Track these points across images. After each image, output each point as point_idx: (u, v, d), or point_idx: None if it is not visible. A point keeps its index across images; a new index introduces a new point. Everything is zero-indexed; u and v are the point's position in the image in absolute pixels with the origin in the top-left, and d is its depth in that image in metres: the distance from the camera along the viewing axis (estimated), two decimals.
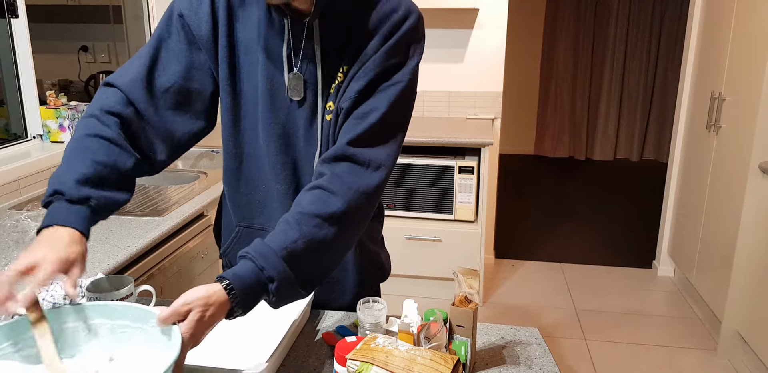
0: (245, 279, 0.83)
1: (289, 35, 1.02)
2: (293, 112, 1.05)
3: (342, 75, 1.02)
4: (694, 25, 3.13)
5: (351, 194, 0.94)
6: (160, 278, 1.67)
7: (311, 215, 0.91)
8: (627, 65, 6.10)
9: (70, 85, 3.10)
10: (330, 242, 0.91)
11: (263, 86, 1.04)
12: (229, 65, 1.05)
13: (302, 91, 1.04)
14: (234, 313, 0.83)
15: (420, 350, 0.86)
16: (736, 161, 2.51)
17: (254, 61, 1.05)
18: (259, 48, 1.04)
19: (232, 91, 1.07)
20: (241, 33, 1.05)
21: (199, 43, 1.04)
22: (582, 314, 2.99)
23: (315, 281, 0.92)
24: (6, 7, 2.05)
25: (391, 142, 1.01)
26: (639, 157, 6.37)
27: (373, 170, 0.97)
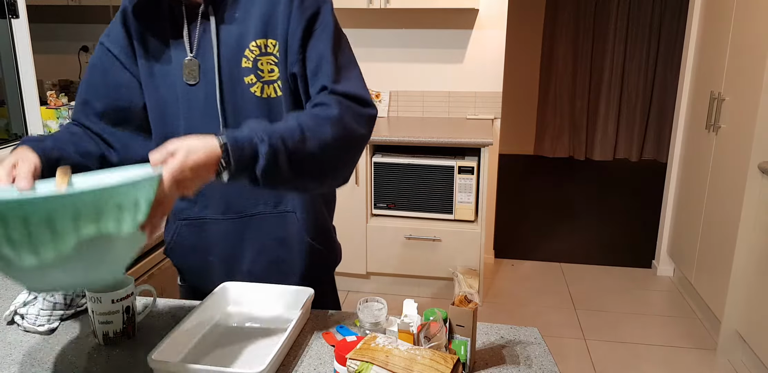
0: (239, 137, 0.89)
1: (185, 23, 1.09)
2: (192, 96, 1.11)
3: (257, 48, 1.08)
4: (694, 25, 3.13)
5: (347, 110, 1.02)
6: (160, 278, 1.67)
7: (310, 114, 0.99)
8: (627, 65, 6.10)
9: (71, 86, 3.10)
10: (323, 137, 0.97)
11: (178, 79, 1.11)
12: (149, 74, 1.13)
13: (197, 75, 1.09)
14: (221, 170, 0.87)
15: (420, 350, 0.86)
16: (736, 161, 2.51)
17: (167, 58, 1.12)
18: (168, 43, 1.11)
19: (156, 93, 1.13)
20: (152, 41, 1.13)
21: (121, 63, 1.14)
22: (582, 313, 3.00)
23: (303, 165, 0.95)
24: (6, 7, 2.05)
25: (356, 77, 1.09)
26: (638, 157, 6.37)
27: (365, 106, 1.06)
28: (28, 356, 1.00)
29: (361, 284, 3.19)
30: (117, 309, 1.02)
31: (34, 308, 1.08)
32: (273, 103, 1.11)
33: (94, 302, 1.01)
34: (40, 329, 1.07)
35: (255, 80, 1.09)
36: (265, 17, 1.07)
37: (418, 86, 3.40)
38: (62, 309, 1.11)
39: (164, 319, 1.13)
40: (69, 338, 1.07)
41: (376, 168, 2.95)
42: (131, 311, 1.05)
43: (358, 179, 2.95)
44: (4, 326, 1.10)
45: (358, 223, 3.00)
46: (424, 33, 3.33)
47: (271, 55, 1.08)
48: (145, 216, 0.78)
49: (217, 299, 1.12)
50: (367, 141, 1.07)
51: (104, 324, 1.02)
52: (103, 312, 1.02)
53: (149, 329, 1.09)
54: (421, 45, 3.35)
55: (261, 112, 1.10)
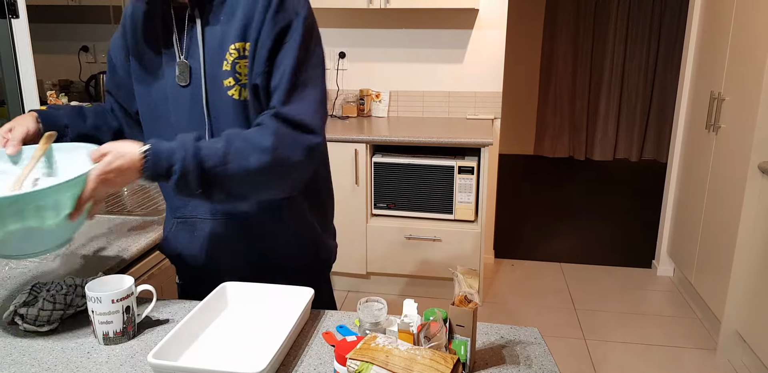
0: (161, 150, 0.97)
1: (174, 26, 1.12)
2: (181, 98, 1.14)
3: (236, 51, 1.09)
4: (694, 25, 3.13)
5: (283, 139, 1.02)
6: (160, 278, 1.67)
7: (244, 138, 1.01)
8: (627, 65, 6.10)
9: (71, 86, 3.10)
10: (245, 165, 1.00)
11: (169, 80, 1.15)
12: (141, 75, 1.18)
13: (188, 77, 1.12)
14: (143, 173, 0.97)
15: (420, 350, 0.86)
16: (736, 161, 2.51)
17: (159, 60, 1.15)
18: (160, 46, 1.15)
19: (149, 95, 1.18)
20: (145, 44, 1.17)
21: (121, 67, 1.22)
22: (582, 313, 3.00)
23: (217, 186, 1.00)
24: (6, 7, 2.05)
25: (310, 100, 1.07)
26: (638, 157, 6.37)
27: (307, 133, 1.05)
28: (28, 356, 1.00)
29: (361, 284, 3.19)
30: (117, 309, 1.02)
31: (34, 308, 1.08)
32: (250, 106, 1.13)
33: (94, 302, 1.01)
34: (40, 329, 1.07)
35: (233, 83, 1.10)
36: (245, 20, 1.08)
37: (418, 86, 3.40)
38: (62, 309, 1.11)
39: (164, 319, 1.14)
40: (69, 338, 1.07)
41: (376, 168, 2.95)
42: (131, 311, 1.05)
43: (358, 179, 2.95)
44: (4, 327, 1.10)
45: (358, 223, 3.00)
46: (424, 33, 3.33)
47: (247, 58, 1.10)
48: (71, 209, 0.94)
49: (217, 299, 1.12)
50: (307, 167, 1.06)
51: (104, 324, 1.02)
52: (103, 312, 1.02)
53: (149, 329, 1.09)
54: (421, 45, 3.35)
55: (238, 114, 1.12)
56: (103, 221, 1.69)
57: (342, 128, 3.05)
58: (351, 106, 3.38)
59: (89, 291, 1.02)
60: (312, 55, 1.09)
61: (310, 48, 1.08)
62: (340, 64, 3.42)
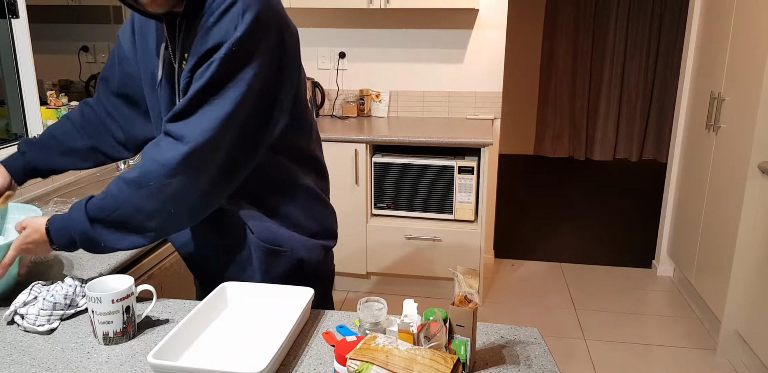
0: (57, 227, 1.09)
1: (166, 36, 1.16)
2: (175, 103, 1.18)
3: (185, 62, 1.13)
4: (694, 25, 3.13)
5: (148, 164, 1.05)
6: (160, 278, 1.67)
7: (119, 178, 1.09)
8: (627, 65, 6.10)
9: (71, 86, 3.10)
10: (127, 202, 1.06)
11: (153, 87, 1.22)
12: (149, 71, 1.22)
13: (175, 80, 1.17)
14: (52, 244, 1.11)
15: (420, 350, 0.86)
16: (736, 161, 2.51)
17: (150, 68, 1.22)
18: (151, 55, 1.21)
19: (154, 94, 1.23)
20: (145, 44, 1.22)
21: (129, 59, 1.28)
22: (582, 314, 3.00)
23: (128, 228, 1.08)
24: (6, 7, 2.05)
25: (207, 117, 1.04)
26: (638, 157, 6.37)
27: (179, 143, 1.04)
28: (28, 356, 1.00)
29: (361, 284, 3.20)
30: (117, 309, 1.02)
31: (34, 308, 1.08)
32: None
33: (94, 302, 1.01)
34: (40, 329, 1.07)
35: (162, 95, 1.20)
36: (194, 34, 1.09)
37: (418, 86, 3.40)
38: (62, 309, 1.11)
39: (164, 319, 1.14)
40: (69, 338, 1.07)
41: (376, 168, 2.95)
42: (131, 311, 1.05)
43: (358, 179, 2.95)
44: (4, 326, 1.10)
45: (358, 223, 3.01)
46: (424, 33, 3.33)
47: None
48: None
49: (217, 299, 1.12)
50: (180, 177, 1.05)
51: (104, 324, 1.02)
52: (103, 312, 1.02)
53: (149, 329, 1.09)
54: (421, 45, 3.35)
55: None
56: None
57: (342, 128, 3.05)
58: (351, 106, 3.38)
59: (89, 291, 1.02)
60: (234, 78, 1.04)
61: (232, 70, 1.04)
62: (340, 64, 3.42)
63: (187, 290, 1.86)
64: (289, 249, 1.25)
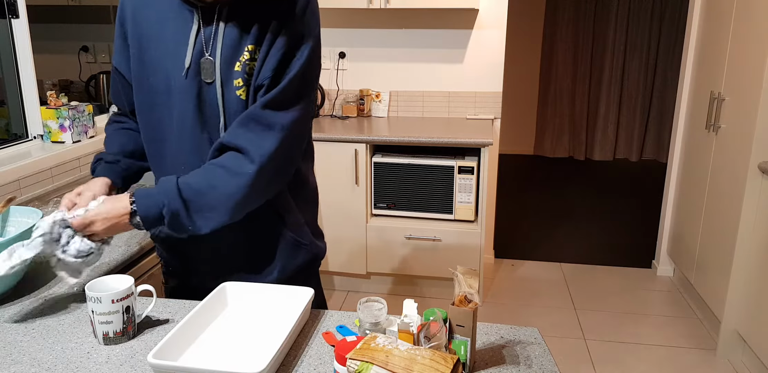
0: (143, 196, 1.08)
1: (200, 22, 1.12)
2: (205, 94, 1.14)
3: (248, 54, 1.12)
4: (694, 25, 3.13)
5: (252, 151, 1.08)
6: (160, 278, 1.67)
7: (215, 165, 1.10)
8: (627, 65, 6.10)
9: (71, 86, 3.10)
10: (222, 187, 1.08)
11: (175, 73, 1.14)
12: (138, 60, 1.17)
13: (213, 73, 1.13)
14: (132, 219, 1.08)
15: (420, 350, 0.86)
16: (736, 161, 2.51)
17: (163, 53, 1.15)
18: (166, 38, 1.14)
19: (145, 84, 1.18)
20: (147, 29, 1.16)
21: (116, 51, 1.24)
22: (582, 313, 3.00)
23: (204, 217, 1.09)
24: (6, 7, 2.05)
25: (298, 107, 1.13)
26: (638, 158, 6.37)
27: (275, 131, 1.10)
28: (28, 356, 1.00)
29: (361, 284, 3.19)
30: (117, 309, 1.02)
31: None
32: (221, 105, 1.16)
33: (94, 302, 1.01)
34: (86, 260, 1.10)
35: (242, 84, 1.13)
36: (263, 24, 1.10)
37: (418, 86, 3.40)
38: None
39: (164, 319, 1.14)
40: (69, 338, 1.07)
41: (376, 168, 2.95)
42: (131, 311, 1.05)
43: (358, 179, 2.95)
44: (4, 327, 1.10)
45: (358, 223, 3.00)
46: (424, 33, 3.33)
47: (256, 60, 1.12)
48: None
49: (217, 299, 1.12)
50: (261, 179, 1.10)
51: (104, 324, 1.02)
52: (103, 312, 1.02)
53: (149, 329, 1.09)
54: (421, 45, 3.35)
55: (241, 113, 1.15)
56: None
57: (342, 128, 3.05)
58: (351, 106, 3.38)
59: (89, 291, 1.02)
60: (312, 69, 1.15)
61: (315, 61, 1.15)
62: (340, 64, 3.42)
63: None
64: (309, 243, 1.30)
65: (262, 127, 1.09)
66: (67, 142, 2.19)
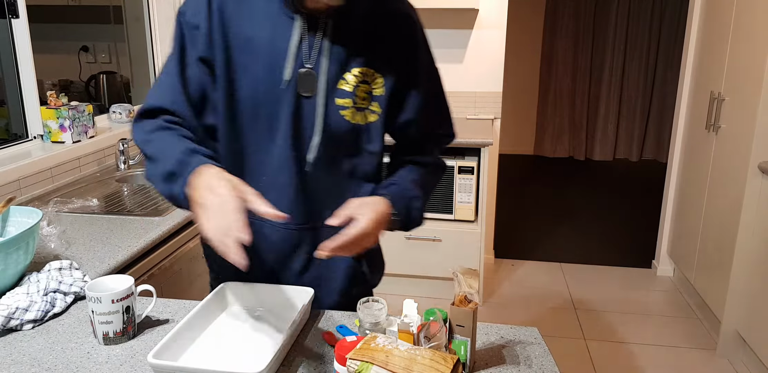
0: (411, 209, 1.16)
1: (303, 31, 1.05)
2: (302, 109, 1.07)
3: (360, 75, 1.07)
4: (694, 25, 3.13)
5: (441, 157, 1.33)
6: (160, 278, 1.67)
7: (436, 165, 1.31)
8: (627, 65, 6.10)
9: (71, 86, 3.10)
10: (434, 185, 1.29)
11: (267, 82, 1.06)
12: (225, 62, 1.06)
13: (314, 87, 1.06)
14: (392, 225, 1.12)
15: (420, 350, 0.86)
16: (736, 161, 2.51)
17: (254, 58, 1.06)
18: (260, 44, 1.05)
19: (229, 87, 1.07)
20: (236, 28, 1.05)
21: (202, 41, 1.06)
22: (582, 314, 3.00)
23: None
24: (6, 7, 2.05)
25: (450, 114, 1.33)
26: (638, 157, 6.37)
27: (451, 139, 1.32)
28: (28, 356, 1.00)
29: None
30: (117, 309, 1.02)
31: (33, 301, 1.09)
32: (359, 130, 1.12)
33: (94, 302, 1.01)
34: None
35: (350, 105, 1.08)
36: (379, 48, 1.08)
37: None
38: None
39: (164, 319, 1.14)
40: (69, 338, 1.07)
41: None
42: (131, 311, 1.05)
43: None
44: (5, 327, 1.10)
45: None
46: None
47: (368, 84, 1.09)
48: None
49: (217, 299, 1.12)
50: None
51: (104, 324, 1.02)
52: (103, 312, 1.02)
53: (149, 329, 1.09)
54: None
55: (349, 136, 1.12)
56: (103, 221, 1.69)
57: None
58: None
59: (89, 291, 1.02)
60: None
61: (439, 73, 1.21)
62: None
63: (188, 290, 1.86)
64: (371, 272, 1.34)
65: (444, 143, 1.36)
66: (67, 142, 2.19)
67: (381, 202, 1.07)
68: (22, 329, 1.08)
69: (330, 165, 1.13)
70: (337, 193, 1.15)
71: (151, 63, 2.93)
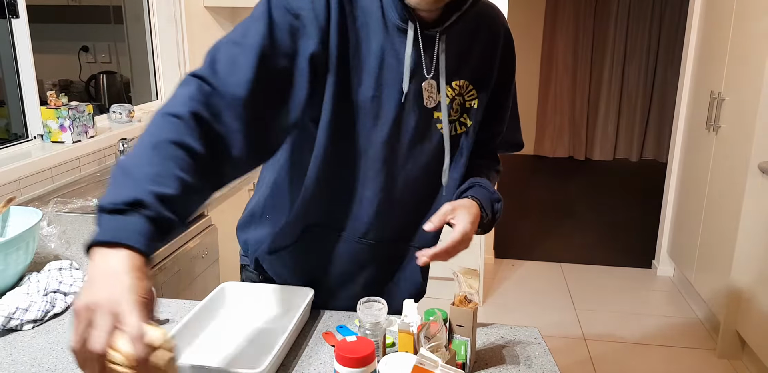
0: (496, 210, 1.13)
1: (420, 43, 0.99)
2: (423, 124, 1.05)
3: (458, 88, 1.07)
4: (694, 25, 3.13)
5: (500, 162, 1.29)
6: (160, 278, 1.67)
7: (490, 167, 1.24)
8: (627, 65, 6.10)
9: (71, 86, 3.10)
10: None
11: (377, 93, 0.99)
12: (339, 63, 0.96)
13: (436, 98, 1.04)
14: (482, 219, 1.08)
15: None
16: (736, 161, 2.51)
17: (367, 67, 0.98)
18: (369, 52, 0.97)
19: (343, 90, 0.98)
20: (352, 32, 0.96)
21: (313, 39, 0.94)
22: (582, 314, 3.00)
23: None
24: (6, 7, 2.05)
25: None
26: (638, 157, 6.37)
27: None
28: (28, 356, 1.00)
29: None
30: None
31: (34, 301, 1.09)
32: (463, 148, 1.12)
33: None
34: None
35: (440, 117, 1.05)
36: (479, 62, 1.09)
37: None
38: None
39: (164, 319, 1.14)
40: (69, 338, 1.07)
41: None
42: None
43: None
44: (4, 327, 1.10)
45: None
46: None
47: (462, 97, 1.08)
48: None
49: (216, 299, 1.12)
50: None
51: None
52: None
53: None
54: None
55: (440, 149, 1.08)
56: None
57: None
58: None
59: None
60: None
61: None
62: None
63: (188, 290, 1.86)
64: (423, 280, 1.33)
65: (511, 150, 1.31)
66: (67, 142, 2.19)
67: (473, 205, 1.05)
68: (22, 329, 1.08)
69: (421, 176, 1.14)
70: (424, 207, 1.18)
71: (151, 63, 2.93)
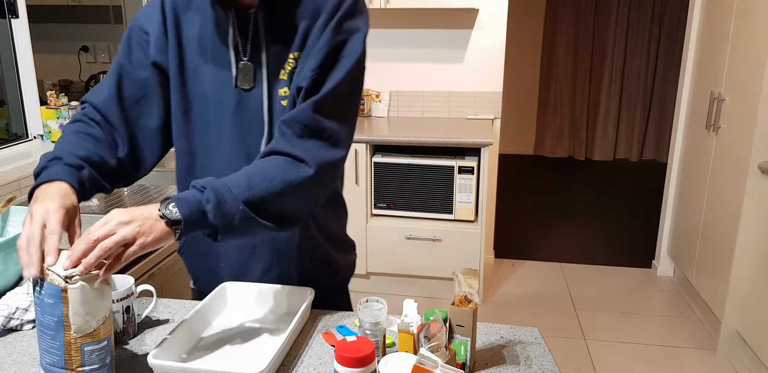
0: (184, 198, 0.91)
1: (235, 26, 1.05)
2: (244, 102, 1.08)
3: (294, 61, 1.05)
4: (694, 25, 3.13)
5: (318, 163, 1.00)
6: (160, 278, 1.67)
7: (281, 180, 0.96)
8: (627, 65, 6.10)
9: (71, 86, 3.10)
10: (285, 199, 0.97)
11: (213, 81, 1.08)
12: (178, 64, 1.09)
13: (252, 80, 1.07)
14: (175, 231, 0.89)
15: None
16: (736, 161, 2.51)
17: (203, 58, 1.09)
18: (207, 44, 1.08)
19: (182, 90, 1.10)
20: (188, 33, 1.09)
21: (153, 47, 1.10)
22: (582, 314, 3.00)
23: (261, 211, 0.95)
24: (6, 7, 2.05)
25: (346, 115, 1.05)
26: (639, 157, 6.37)
27: (336, 147, 1.03)
28: (28, 356, 1.00)
29: (361, 284, 3.19)
30: (117, 309, 1.02)
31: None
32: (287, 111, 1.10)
33: None
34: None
35: (288, 93, 1.06)
36: (305, 31, 1.04)
37: (418, 86, 3.40)
38: None
39: (164, 319, 1.14)
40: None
41: (376, 168, 2.95)
42: (131, 311, 1.05)
43: (358, 179, 2.95)
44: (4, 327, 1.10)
45: (358, 223, 3.00)
46: (424, 33, 3.33)
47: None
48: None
49: (216, 299, 1.12)
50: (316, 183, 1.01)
51: None
52: None
53: (149, 329, 1.09)
54: (421, 45, 3.35)
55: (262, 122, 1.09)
56: None
57: None
58: None
59: None
60: (362, 71, 1.06)
61: (362, 65, 1.06)
62: None
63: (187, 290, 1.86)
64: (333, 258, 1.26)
65: (320, 138, 1.00)
66: None
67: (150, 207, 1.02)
68: (22, 329, 1.08)
69: None
70: None
71: None
